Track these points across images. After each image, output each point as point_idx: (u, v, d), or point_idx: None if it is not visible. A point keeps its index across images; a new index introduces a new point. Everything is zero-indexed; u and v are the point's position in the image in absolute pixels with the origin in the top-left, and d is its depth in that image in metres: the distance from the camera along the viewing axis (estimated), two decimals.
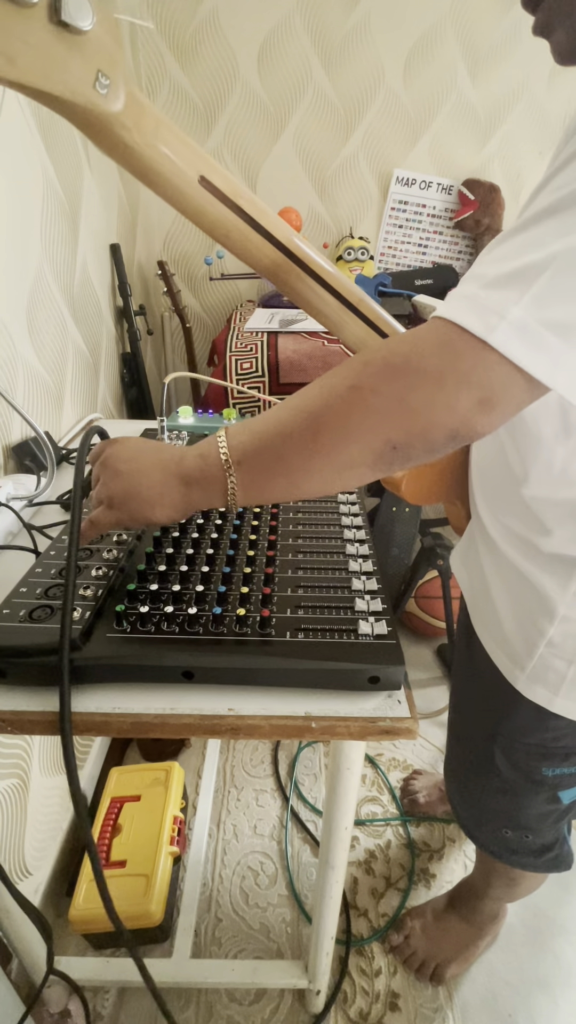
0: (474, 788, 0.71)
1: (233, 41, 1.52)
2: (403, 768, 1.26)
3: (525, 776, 0.63)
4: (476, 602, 0.61)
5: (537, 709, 0.55)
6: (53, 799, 0.99)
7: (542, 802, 0.65)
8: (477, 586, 0.60)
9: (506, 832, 0.71)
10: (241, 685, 0.47)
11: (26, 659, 0.45)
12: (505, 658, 0.57)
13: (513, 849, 0.72)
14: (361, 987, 0.91)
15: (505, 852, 0.73)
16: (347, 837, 0.61)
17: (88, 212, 1.19)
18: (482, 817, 0.73)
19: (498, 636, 0.57)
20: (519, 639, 0.54)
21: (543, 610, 0.51)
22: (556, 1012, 0.90)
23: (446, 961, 0.91)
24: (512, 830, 0.70)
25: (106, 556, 0.56)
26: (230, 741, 1.30)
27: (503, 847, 0.73)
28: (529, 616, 0.53)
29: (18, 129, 0.88)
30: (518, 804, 0.67)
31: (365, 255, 1.64)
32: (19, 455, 0.83)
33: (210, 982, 0.84)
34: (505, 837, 0.71)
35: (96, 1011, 0.87)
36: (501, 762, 0.64)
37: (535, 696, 0.55)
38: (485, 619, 0.60)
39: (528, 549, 0.51)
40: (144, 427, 0.93)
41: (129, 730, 0.44)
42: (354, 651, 0.46)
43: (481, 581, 0.59)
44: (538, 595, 0.51)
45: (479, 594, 0.60)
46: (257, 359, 1.33)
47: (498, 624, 0.57)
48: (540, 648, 0.52)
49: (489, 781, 0.67)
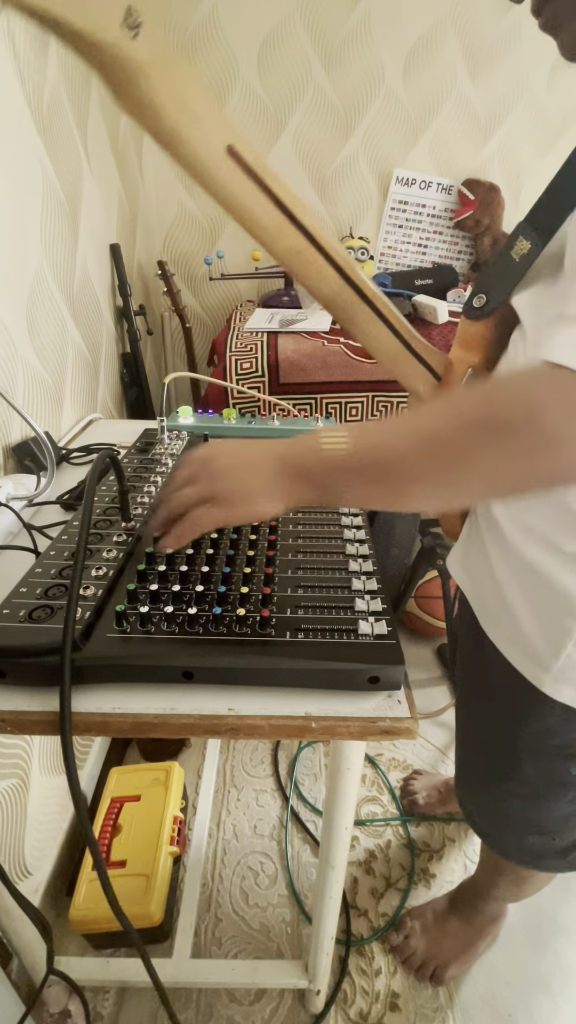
0: (495, 797, 0.69)
1: (233, 41, 1.52)
2: (403, 768, 1.26)
3: (552, 779, 0.62)
4: (486, 605, 0.60)
5: (564, 710, 0.54)
6: (53, 799, 0.99)
7: (567, 803, 0.64)
8: (487, 589, 0.59)
9: (531, 838, 0.69)
10: (241, 685, 0.47)
11: (26, 659, 0.45)
12: (526, 661, 0.55)
13: (539, 854, 0.71)
14: (361, 987, 0.91)
15: (531, 858, 0.72)
16: (347, 837, 0.61)
17: (88, 212, 1.19)
18: (505, 825, 0.71)
19: (517, 639, 0.56)
20: (542, 641, 0.53)
21: (568, 609, 0.50)
22: (556, 1012, 0.90)
23: (446, 962, 0.91)
24: (538, 835, 0.69)
25: (106, 556, 0.56)
26: (230, 741, 1.30)
27: (529, 853, 0.71)
28: (552, 617, 0.52)
29: (18, 129, 0.88)
30: (543, 808, 0.65)
31: (365, 255, 1.64)
32: (19, 455, 0.83)
33: (210, 982, 0.84)
34: (530, 843, 0.70)
35: (96, 1011, 0.87)
36: (528, 767, 0.62)
37: (562, 697, 0.53)
38: (500, 622, 0.58)
39: (550, 549, 0.50)
40: (144, 427, 0.93)
41: (129, 730, 0.44)
42: (354, 651, 0.46)
43: (492, 584, 0.58)
44: (562, 595, 0.50)
45: (490, 597, 0.59)
46: (257, 359, 1.33)
47: (516, 627, 0.55)
48: (567, 648, 0.51)
49: (512, 788, 0.65)
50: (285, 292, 1.62)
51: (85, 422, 1.10)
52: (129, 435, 0.93)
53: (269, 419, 0.97)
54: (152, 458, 0.79)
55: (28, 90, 0.90)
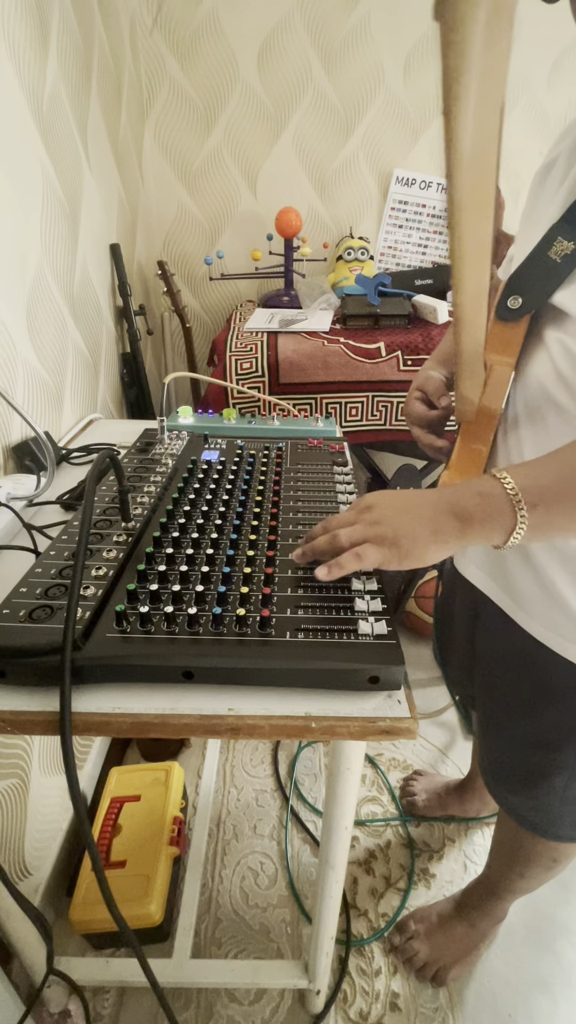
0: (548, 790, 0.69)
1: (233, 41, 1.52)
2: (403, 768, 1.26)
3: None
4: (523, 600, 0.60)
5: None
6: (53, 799, 0.99)
7: None
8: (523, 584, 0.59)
9: None
10: (241, 685, 0.47)
11: (26, 659, 0.45)
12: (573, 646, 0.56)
13: None
14: (361, 987, 0.91)
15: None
16: (347, 837, 0.61)
17: (88, 212, 1.19)
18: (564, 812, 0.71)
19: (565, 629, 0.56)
20: None
21: None
22: (556, 1012, 0.90)
23: (449, 964, 0.91)
24: None
25: (106, 556, 0.56)
26: (230, 741, 1.30)
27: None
28: None
29: (18, 129, 0.88)
30: None
31: (365, 255, 1.64)
32: (19, 455, 0.83)
33: (210, 982, 0.84)
34: None
35: (96, 1011, 0.87)
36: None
37: None
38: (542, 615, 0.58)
39: None
40: (144, 427, 0.93)
41: (129, 730, 0.44)
42: (354, 651, 0.46)
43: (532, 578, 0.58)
44: None
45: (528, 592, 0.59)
46: (257, 359, 1.33)
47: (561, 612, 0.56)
48: None
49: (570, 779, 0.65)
50: (285, 292, 1.62)
51: (85, 422, 1.10)
52: (129, 435, 0.93)
53: (269, 419, 0.97)
54: (152, 458, 0.79)
55: (28, 90, 0.90)
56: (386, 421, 1.37)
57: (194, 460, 0.77)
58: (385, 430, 1.38)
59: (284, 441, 0.87)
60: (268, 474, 0.75)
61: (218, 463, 0.78)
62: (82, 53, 1.14)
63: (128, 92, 1.48)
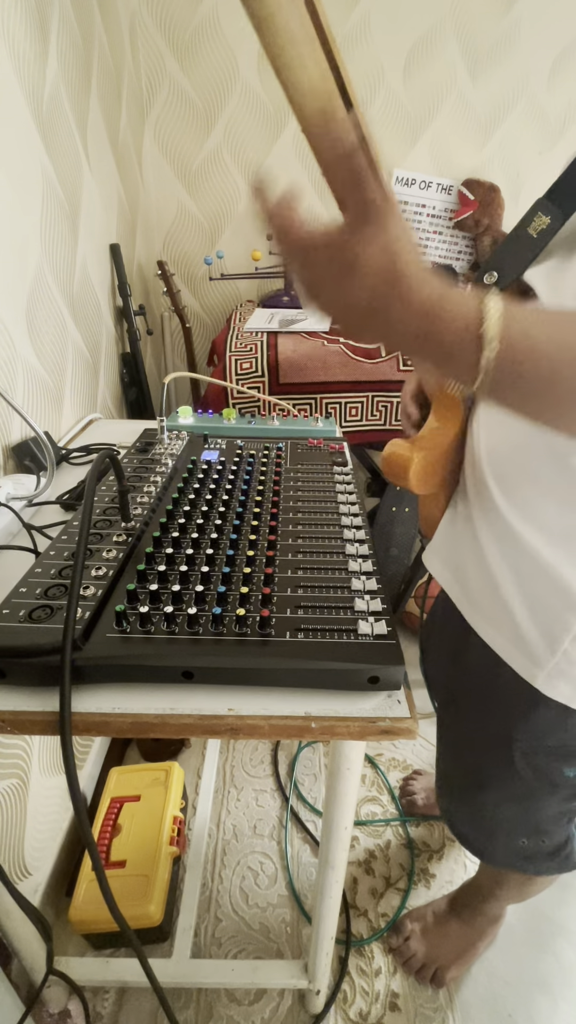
0: (485, 802, 0.68)
1: (233, 41, 1.52)
2: (403, 768, 1.26)
3: (545, 780, 0.61)
4: (473, 596, 0.58)
5: (559, 708, 0.52)
6: (53, 799, 0.99)
7: (558, 802, 0.63)
8: (474, 577, 0.57)
9: (522, 841, 0.68)
10: (241, 685, 0.47)
11: (26, 659, 0.45)
12: (521, 656, 0.53)
13: (528, 856, 0.70)
14: (361, 987, 0.91)
15: (521, 861, 0.71)
16: (347, 837, 0.61)
17: (88, 212, 1.19)
18: (495, 831, 0.69)
19: (511, 634, 0.54)
20: (537, 635, 0.51)
21: (567, 603, 0.48)
22: (556, 1012, 0.90)
23: (447, 964, 0.91)
24: (528, 837, 0.68)
25: (106, 556, 0.56)
26: (230, 741, 1.30)
27: (519, 856, 0.70)
28: (550, 610, 0.50)
29: (18, 129, 0.88)
30: (534, 808, 0.64)
31: None
32: (19, 455, 0.83)
33: (210, 982, 0.84)
34: (521, 846, 0.69)
35: (96, 1011, 0.87)
36: (522, 768, 0.60)
37: (557, 694, 0.51)
38: (492, 616, 0.56)
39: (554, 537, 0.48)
40: (144, 427, 0.93)
41: (129, 730, 0.44)
42: (354, 651, 0.46)
43: (481, 571, 0.55)
44: (561, 588, 0.48)
45: (477, 586, 0.57)
46: (257, 359, 1.33)
47: (508, 618, 0.53)
48: (564, 643, 0.49)
49: (505, 791, 0.64)
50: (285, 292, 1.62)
51: (85, 422, 1.10)
52: (129, 435, 0.93)
53: (269, 419, 0.97)
54: (152, 458, 0.79)
55: (28, 90, 0.90)
56: (386, 421, 1.38)
57: (194, 460, 0.77)
58: (385, 430, 1.39)
59: (284, 441, 0.87)
60: (268, 474, 0.75)
61: (218, 463, 0.78)
62: (82, 53, 1.14)
63: (128, 92, 1.48)
